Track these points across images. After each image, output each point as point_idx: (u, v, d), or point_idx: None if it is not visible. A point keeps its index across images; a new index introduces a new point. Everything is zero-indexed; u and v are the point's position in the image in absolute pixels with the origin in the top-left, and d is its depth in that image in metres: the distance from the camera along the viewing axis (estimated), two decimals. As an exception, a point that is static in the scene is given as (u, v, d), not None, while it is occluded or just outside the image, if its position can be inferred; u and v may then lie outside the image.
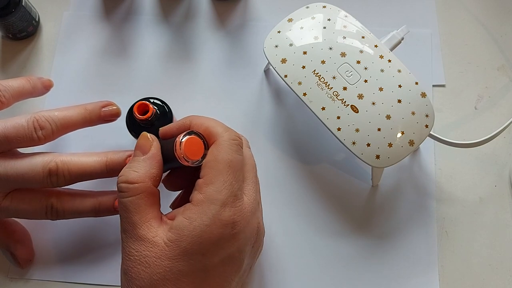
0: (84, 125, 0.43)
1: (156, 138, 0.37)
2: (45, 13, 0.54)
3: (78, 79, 0.51)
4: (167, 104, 0.45)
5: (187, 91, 0.51)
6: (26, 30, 0.52)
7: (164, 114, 0.44)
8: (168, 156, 0.36)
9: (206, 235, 0.33)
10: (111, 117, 0.44)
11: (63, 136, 0.42)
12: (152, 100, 0.45)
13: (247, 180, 0.37)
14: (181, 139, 0.35)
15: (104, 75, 0.51)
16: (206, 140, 0.36)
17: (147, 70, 0.52)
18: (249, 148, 0.41)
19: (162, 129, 0.39)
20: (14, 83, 0.43)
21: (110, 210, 0.42)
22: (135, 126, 0.44)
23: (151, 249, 0.33)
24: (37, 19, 0.53)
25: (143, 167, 0.35)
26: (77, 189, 0.42)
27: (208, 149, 0.36)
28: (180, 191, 0.41)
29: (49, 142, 0.41)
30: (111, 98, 0.50)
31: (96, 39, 0.53)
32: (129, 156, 0.41)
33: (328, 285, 0.44)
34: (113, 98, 0.50)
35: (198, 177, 0.35)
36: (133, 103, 0.44)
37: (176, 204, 0.41)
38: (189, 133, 0.36)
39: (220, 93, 0.51)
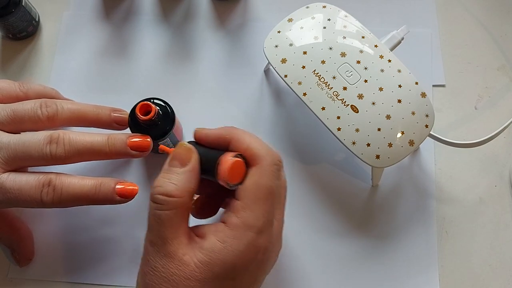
0: (93, 122, 0.42)
1: (196, 150, 0.35)
2: (45, 13, 0.54)
3: (78, 79, 0.51)
4: (169, 104, 0.45)
5: (187, 91, 0.51)
6: (26, 30, 0.52)
7: (166, 114, 0.44)
8: (201, 168, 0.35)
9: (239, 261, 0.32)
10: (121, 122, 0.43)
11: None
12: (153, 101, 0.45)
13: (278, 204, 0.36)
14: (228, 160, 0.33)
15: (104, 75, 0.51)
16: (248, 162, 0.35)
17: (147, 70, 0.52)
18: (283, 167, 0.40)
19: (198, 132, 0.37)
20: (36, 84, 0.44)
21: (111, 195, 0.39)
22: (137, 127, 0.44)
23: (180, 268, 0.32)
24: (37, 19, 0.53)
25: (183, 181, 0.34)
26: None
27: (248, 168, 0.35)
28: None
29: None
30: (111, 98, 0.50)
31: (96, 39, 0.53)
32: (131, 136, 0.41)
33: (328, 285, 0.44)
34: (114, 98, 0.50)
35: (225, 195, 0.35)
36: (134, 103, 0.44)
37: (198, 208, 0.40)
38: (234, 156, 0.34)
39: (220, 93, 0.51)
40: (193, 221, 0.36)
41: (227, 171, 0.33)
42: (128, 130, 0.44)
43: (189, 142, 0.37)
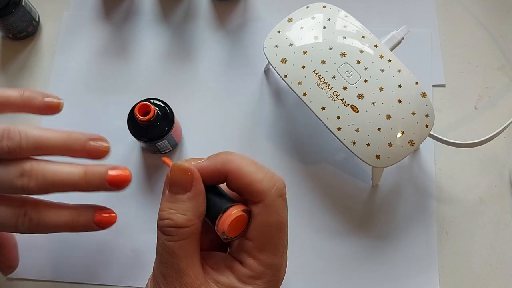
0: (63, 153, 0.38)
1: (195, 169, 0.32)
2: (45, 13, 0.54)
3: (78, 79, 0.51)
4: (168, 105, 0.45)
5: (187, 91, 0.51)
6: (26, 30, 0.52)
7: (166, 114, 0.44)
8: None
9: None
10: (98, 154, 0.38)
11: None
12: (152, 101, 0.45)
13: (287, 232, 0.35)
14: (231, 214, 0.31)
15: (104, 75, 0.51)
16: (251, 198, 0.32)
17: (147, 70, 0.52)
18: None
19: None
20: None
21: (89, 225, 0.38)
22: (136, 127, 0.44)
23: None
24: (37, 19, 0.53)
25: (191, 208, 0.31)
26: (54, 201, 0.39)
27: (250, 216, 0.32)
28: None
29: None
30: (111, 98, 0.50)
31: (96, 39, 0.53)
32: (110, 169, 0.37)
33: (328, 285, 0.44)
34: (113, 98, 0.50)
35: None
36: (133, 103, 0.44)
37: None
38: (240, 210, 0.32)
39: (220, 93, 0.51)
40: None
41: (227, 226, 0.31)
42: (126, 129, 0.44)
43: None
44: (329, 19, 0.45)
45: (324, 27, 0.44)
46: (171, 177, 0.32)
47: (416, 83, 0.42)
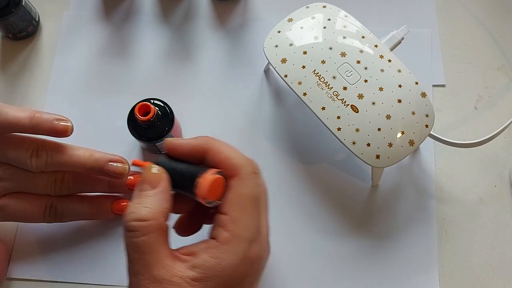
0: (84, 171, 0.41)
1: (164, 170, 0.34)
2: (45, 13, 0.54)
3: (78, 79, 0.51)
4: (168, 105, 0.45)
5: (187, 91, 0.51)
6: (26, 30, 0.52)
7: (166, 114, 0.44)
8: (177, 184, 0.34)
9: (235, 274, 0.32)
10: (116, 175, 0.41)
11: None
12: (152, 101, 0.45)
13: (263, 210, 0.36)
14: (208, 177, 0.32)
15: (104, 75, 0.51)
16: (227, 173, 0.34)
17: (147, 70, 0.52)
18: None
19: (170, 143, 0.36)
20: (11, 112, 0.39)
21: (107, 213, 0.43)
22: (136, 127, 0.44)
23: None
24: (37, 19, 0.53)
25: (155, 202, 0.33)
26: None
27: (227, 181, 0.34)
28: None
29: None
30: (111, 98, 0.50)
31: (96, 39, 0.53)
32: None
33: (328, 285, 0.44)
34: (113, 98, 0.50)
35: (206, 209, 0.34)
36: (133, 103, 0.44)
37: (181, 226, 0.39)
38: (215, 173, 0.33)
39: (220, 93, 0.51)
40: (180, 241, 0.35)
41: (206, 188, 0.32)
42: (126, 129, 0.44)
43: (163, 155, 0.36)
44: (329, 19, 0.45)
45: (324, 27, 0.44)
46: (142, 177, 0.34)
47: (416, 83, 0.42)
